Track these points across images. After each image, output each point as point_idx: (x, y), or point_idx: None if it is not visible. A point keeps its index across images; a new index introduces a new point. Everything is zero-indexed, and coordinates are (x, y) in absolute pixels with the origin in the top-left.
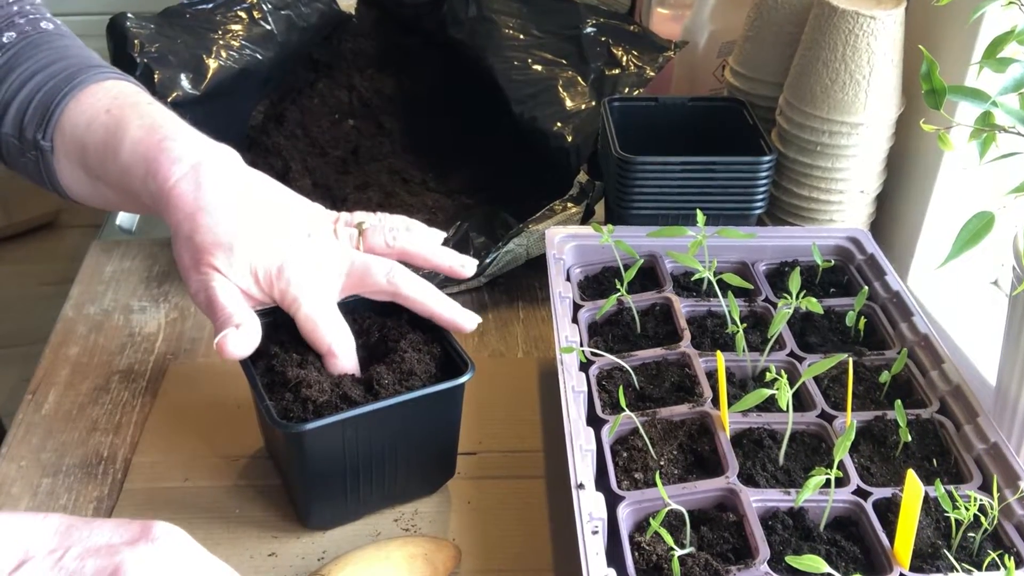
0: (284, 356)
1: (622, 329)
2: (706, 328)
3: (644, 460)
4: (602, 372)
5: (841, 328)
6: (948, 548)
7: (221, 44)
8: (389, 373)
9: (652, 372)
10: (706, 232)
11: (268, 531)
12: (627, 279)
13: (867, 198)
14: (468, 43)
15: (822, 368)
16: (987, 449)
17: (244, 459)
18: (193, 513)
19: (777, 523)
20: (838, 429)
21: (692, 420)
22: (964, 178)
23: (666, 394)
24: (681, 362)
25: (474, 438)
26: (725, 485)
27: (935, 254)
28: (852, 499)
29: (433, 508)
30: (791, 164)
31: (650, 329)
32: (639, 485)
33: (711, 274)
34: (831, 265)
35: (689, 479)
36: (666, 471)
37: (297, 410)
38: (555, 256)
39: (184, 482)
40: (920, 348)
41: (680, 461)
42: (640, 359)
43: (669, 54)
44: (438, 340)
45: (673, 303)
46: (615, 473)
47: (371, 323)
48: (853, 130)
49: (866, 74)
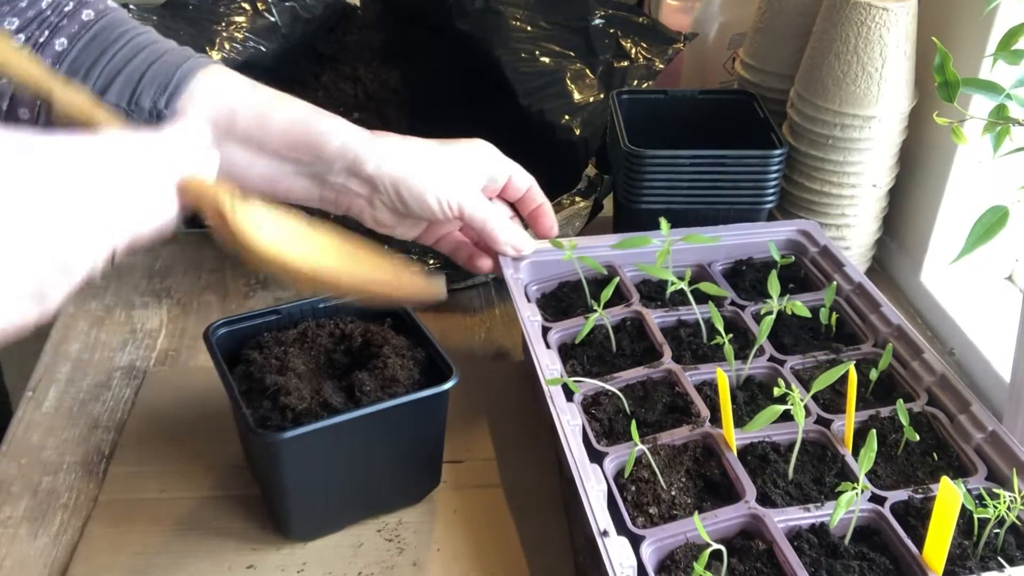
0: (262, 362)
1: (596, 349)
2: (681, 339)
3: (654, 492)
4: (587, 399)
5: (811, 325)
6: (974, 547)
7: (224, 36)
8: (371, 379)
9: (639, 394)
10: (672, 239)
11: (247, 543)
12: (604, 297)
13: (879, 192)
14: (475, 35)
15: (830, 380)
16: (985, 438)
17: (222, 469)
18: (169, 525)
19: (803, 543)
20: (837, 433)
21: (695, 443)
22: (978, 172)
23: (661, 417)
24: (668, 380)
25: (461, 446)
26: (747, 511)
27: (948, 249)
28: (872, 507)
29: (418, 518)
30: (802, 158)
31: (626, 347)
32: (656, 520)
33: (686, 284)
34: (789, 261)
35: (704, 507)
36: (679, 501)
37: (275, 418)
38: (513, 276)
39: (160, 493)
40: (895, 339)
41: (691, 489)
42: (624, 380)
43: (678, 46)
44: (422, 345)
45: (645, 317)
46: (627, 510)
47: (353, 328)
48: (865, 123)
49: (879, 66)
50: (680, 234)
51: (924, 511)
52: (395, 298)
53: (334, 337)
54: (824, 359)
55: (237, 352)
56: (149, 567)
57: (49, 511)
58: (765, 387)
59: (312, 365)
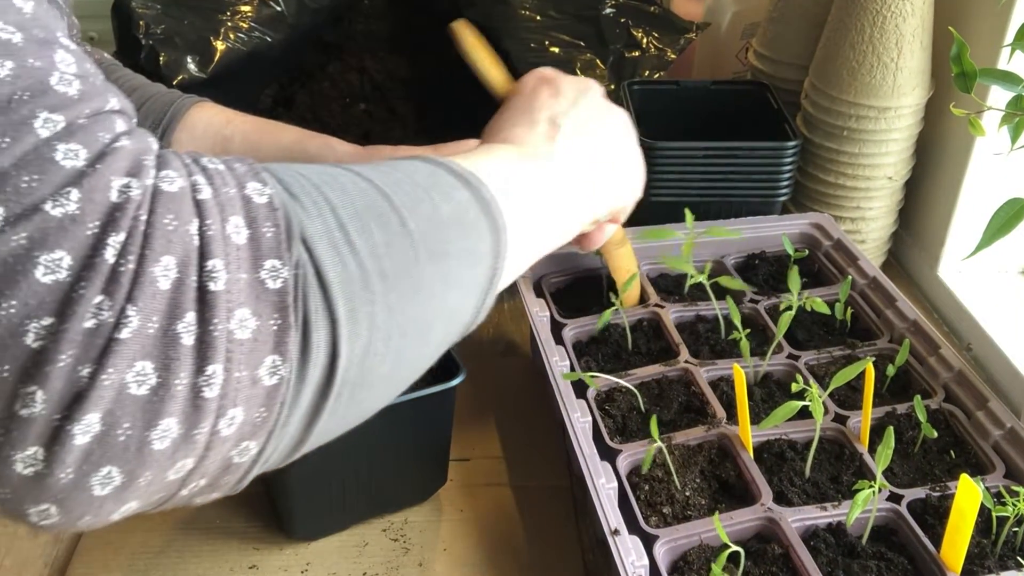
0: None
1: (611, 347)
2: (699, 334)
3: (668, 491)
4: (600, 395)
5: (825, 320)
6: (993, 546)
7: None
8: None
9: (655, 392)
10: (696, 232)
11: (249, 542)
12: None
13: (895, 185)
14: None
15: (848, 376)
16: (1004, 435)
17: None
18: (171, 524)
19: (820, 543)
20: (853, 430)
21: (710, 444)
22: (995, 164)
23: (676, 416)
24: (684, 379)
25: (468, 443)
26: (763, 514)
27: (965, 243)
28: (889, 506)
29: (424, 517)
30: (817, 150)
31: (642, 345)
32: (669, 521)
33: (705, 278)
34: (803, 255)
35: (719, 509)
36: (693, 502)
37: None
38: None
39: None
40: (911, 335)
41: (705, 490)
42: (638, 377)
43: (691, 36)
44: None
45: (663, 317)
46: (640, 509)
47: None
48: (881, 115)
49: (894, 57)
50: (702, 227)
51: (942, 509)
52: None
53: None
54: (839, 355)
55: None
56: (150, 567)
57: None
58: (782, 384)
59: None
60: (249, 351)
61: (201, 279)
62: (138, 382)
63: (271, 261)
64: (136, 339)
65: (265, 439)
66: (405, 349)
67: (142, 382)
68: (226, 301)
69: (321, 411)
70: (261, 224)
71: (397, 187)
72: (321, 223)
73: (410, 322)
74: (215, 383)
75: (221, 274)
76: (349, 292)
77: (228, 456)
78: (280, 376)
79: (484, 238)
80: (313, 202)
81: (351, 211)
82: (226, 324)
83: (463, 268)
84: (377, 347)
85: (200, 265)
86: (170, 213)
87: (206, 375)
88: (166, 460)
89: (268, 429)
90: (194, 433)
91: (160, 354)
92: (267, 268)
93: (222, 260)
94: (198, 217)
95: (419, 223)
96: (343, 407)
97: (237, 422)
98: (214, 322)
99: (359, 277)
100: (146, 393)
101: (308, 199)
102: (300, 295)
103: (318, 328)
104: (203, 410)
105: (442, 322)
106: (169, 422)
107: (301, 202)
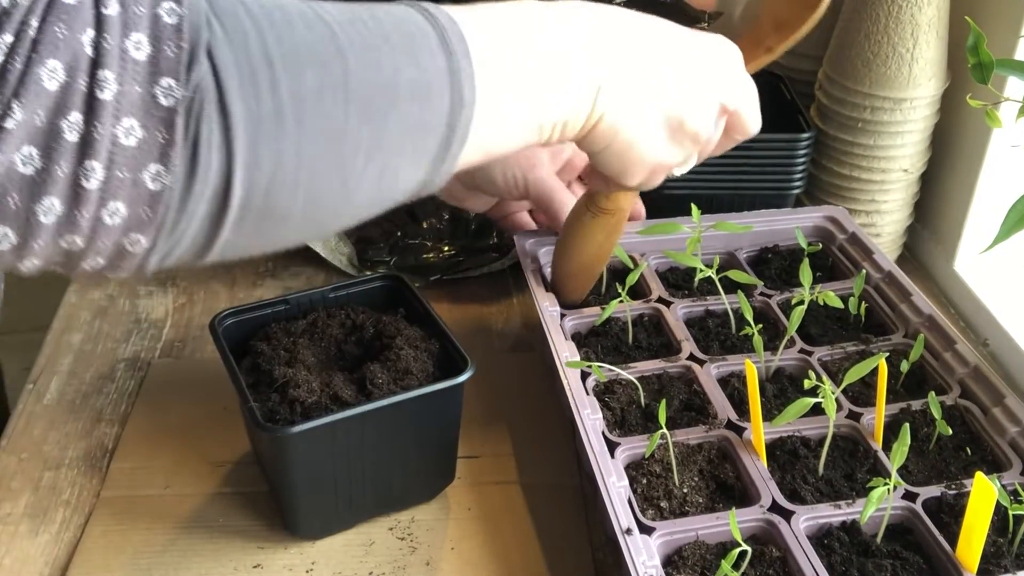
0: (271, 354)
1: (611, 340)
2: (709, 329)
3: (666, 487)
4: (599, 386)
5: (839, 315)
6: (1009, 544)
7: None
8: (384, 372)
9: (654, 387)
10: (703, 226)
11: (253, 541)
12: (629, 283)
13: (911, 177)
14: None
15: (862, 372)
16: (1021, 432)
17: (229, 464)
18: (174, 522)
19: (833, 541)
20: (868, 427)
21: (710, 444)
22: (1013, 156)
23: (676, 414)
24: (685, 377)
25: (477, 440)
26: (761, 516)
27: (982, 236)
28: (904, 504)
29: (431, 515)
30: (831, 141)
31: (642, 340)
32: (665, 515)
33: (715, 273)
34: (817, 249)
35: (716, 508)
36: (691, 499)
37: (284, 412)
38: (530, 265)
39: (165, 489)
40: (926, 330)
41: (703, 489)
42: (639, 371)
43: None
44: (436, 336)
45: (664, 314)
46: (637, 502)
47: (365, 318)
48: (896, 106)
49: (910, 47)
50: (710, 221)
51: (957, 508)
52: None
53: (345, 328)
54: (853, 350)
55: (245, 343)
56: (152, 566)
57: (50, 507)
58: (795, 380)
59: (322, 357)
60: (132, 156)
61: (91, 85)
62: (23, 162)
63: (167, 79)
64: (22, 128)
65: (155, 235)
66: (322, 196)
67: (27, 163)
68: (114, 108)
69: (220, 227)
70: (164, 43)
71: (358, 37)
72: (243, 55)
73: (328, 171)
74: (94, 176)
75: (111, 84)
76: (254, 125)
77: (120, 243)
78: (163, 184)
79: (440, 110)
80: (242, 35)
81: (286, 48)
82: (111, 129)
83: (404, 136)
84: (285, 183)
85: (92, 73)
86: (61, 22)
87: (85, 168)
88: (53, 232)
89: (155, 227)
90: (76, 215)
91: (43, 143)
92: (162, 85)
93: (114, 72)
94: (94, 29)
95: (363, 82)
96: (250, 229)
97: (121, 215)
98: (96, 124)
99: (272, 114)
100: (31, 173)
101: (237, 32)
102: (193, 117)
103: (210, 150)
104: (83, 198)
105: (371, 181)
106: (52, 200)
107: (228, 32)
